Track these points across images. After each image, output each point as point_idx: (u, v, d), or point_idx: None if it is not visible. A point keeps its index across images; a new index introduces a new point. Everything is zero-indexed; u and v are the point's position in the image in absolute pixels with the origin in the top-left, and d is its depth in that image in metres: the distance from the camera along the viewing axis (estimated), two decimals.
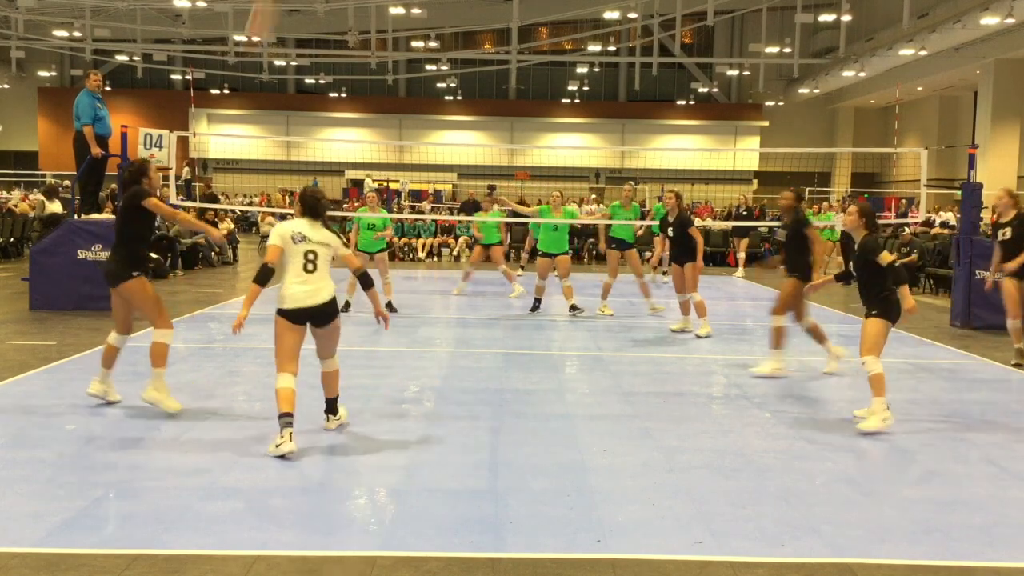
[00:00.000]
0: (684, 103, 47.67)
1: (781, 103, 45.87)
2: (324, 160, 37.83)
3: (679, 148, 46.96)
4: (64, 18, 35.30)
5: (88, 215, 12.17)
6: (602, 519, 4.74)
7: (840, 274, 7.55)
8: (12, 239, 19.61)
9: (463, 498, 5.02)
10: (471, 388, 7.85)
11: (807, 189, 32.95)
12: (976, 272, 12.10)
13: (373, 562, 4.16)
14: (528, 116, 47.36)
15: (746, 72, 45.35)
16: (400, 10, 31.57)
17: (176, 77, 46.80)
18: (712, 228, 22.82)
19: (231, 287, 15.63)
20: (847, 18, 33.93)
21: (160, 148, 13.29)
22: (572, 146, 47.19)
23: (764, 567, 4.21)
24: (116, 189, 14.59)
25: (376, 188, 29.67)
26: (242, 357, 9.01)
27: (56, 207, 17.80)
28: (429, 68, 43.45)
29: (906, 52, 31.53)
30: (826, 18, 35.87)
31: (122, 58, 41.83)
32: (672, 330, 11.34)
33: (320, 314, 5.90)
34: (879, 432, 6.50)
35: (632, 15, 35.43)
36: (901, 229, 19.88)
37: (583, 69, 45.06)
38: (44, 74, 47.02)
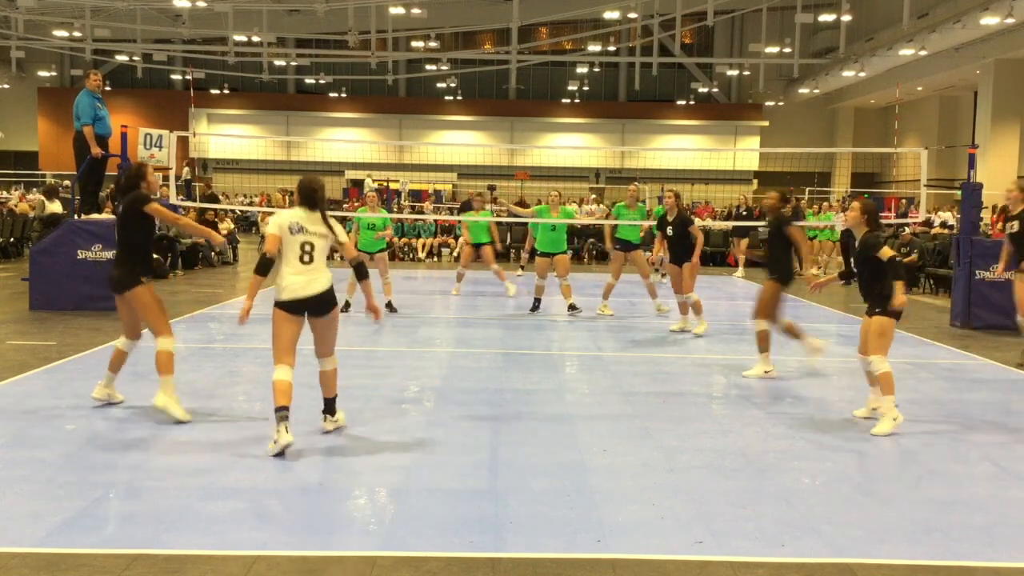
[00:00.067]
0: (684, 103, 47.68)
1: (781, 103, 45.87)
2: (324, 160, 37.81)
3: (679, 148, 46.97)
4: (64, 18, 35.30)
5: (88, 215, 12.18)
6: (602, 519, 4.74)
7: (843, 272, 7.54)
8: (12, 239, 19.61)
9: (463, 498, 5.02)
10: (471, 388, 7.85)
11: (807, 189, 32.97)
12: (976, 272, 12.10)
13: (373, 562, 4.16)
14: (528, 116, 47.37)
15: (746, 72, 45.36)
16: (400, 10, 31.58)
17: (176, 77, 46.81)
18: (712, 228, 22.83)
19: (231, 287, 15.63)
20: (847, 18, 33.94)
21: (160, 148, 13.29)
22: (572, 146, 47.19)
23: (764, 567, 4.21)
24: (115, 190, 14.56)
25: (376, 188, 29.67)
26: (242, 357, 9.01)
27: (56, 207, 17.80)
28: (429, 68, 43.46)
29: (906, 52, 31.54)
30: (826, 18, 35.87)
31: (122, 58, 41.85)
32: (672, 330, 11.34)
33: (318, 303, 5.87)
34: (892, 434, 6.49)
35: (632, 15, 35.44)
36: (901, 229, 19.88)
37: (583, 69, 45.06)
38: (44, 74, 47.04)
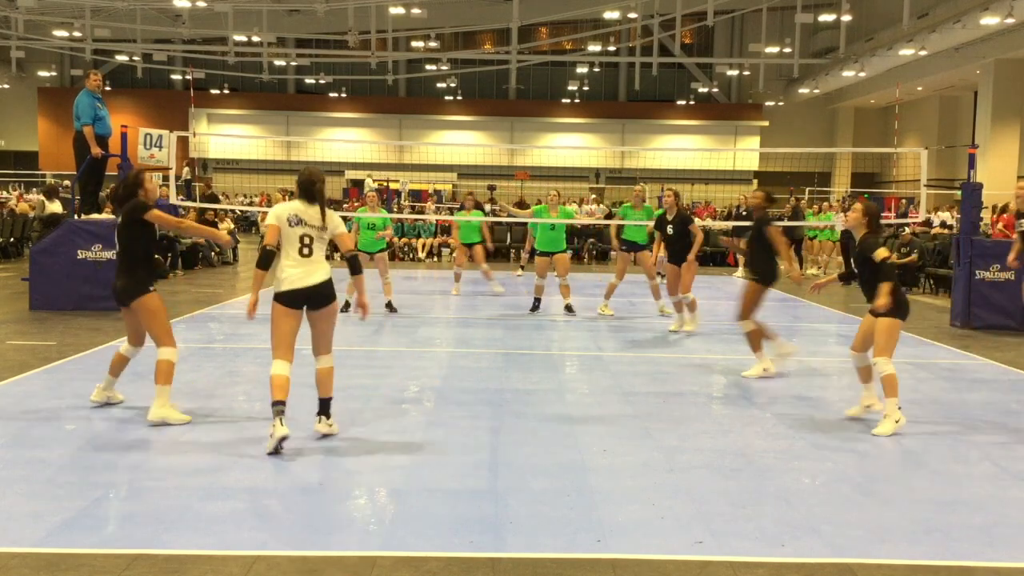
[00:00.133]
0: (684, 103, 47.68)
1: (781, 103, 45.87)
2: (324, 160, 37.73)
3: (679, 148, 46.97)
4: (64, 18, 35.30)
5: (88, 215, 12.18)
6: (602, 519, 4.74)
7: (843, 274, 7.54)
8: (12, 239, 19.61)
9: (463, 498, 5.02)
10: (471, 388, 7.85)
11: (807, 189, 32.95)
12: (976, 272, 12.09)
13: (373, 562, 4.16)
14: (528, 116, 47.37)
15: (746, 72, 45.36)
16: (400, 10, 31.58)
17: (176, 77, 46.82)
18: (712, 228, 22.81)
19: (231, 287, 15.63)
20: (847, 18, 33.93)
21: (160, 148, 13.30)
22: (572, 146, 47.18)
23: (764, 567, 4.21)
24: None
25: (376, 188, 29.66)
26: (242, 357, 9.01)
27: (56, 207, 17.80)
28: (429, 68, 43.46)
29: (906, 52, 31.53)
30: (826, 18, 35.86)
31: (122, 58, 41.85)
32: (671, 331, 11.34)
33: (316, 295, 5.84)
34: (893, 435, 6.49)
35: (632, 15, 35.43)
36: (901, 229, 19.88)
37: (583, 69, 45.06)
38: (44, 74, 47.04)
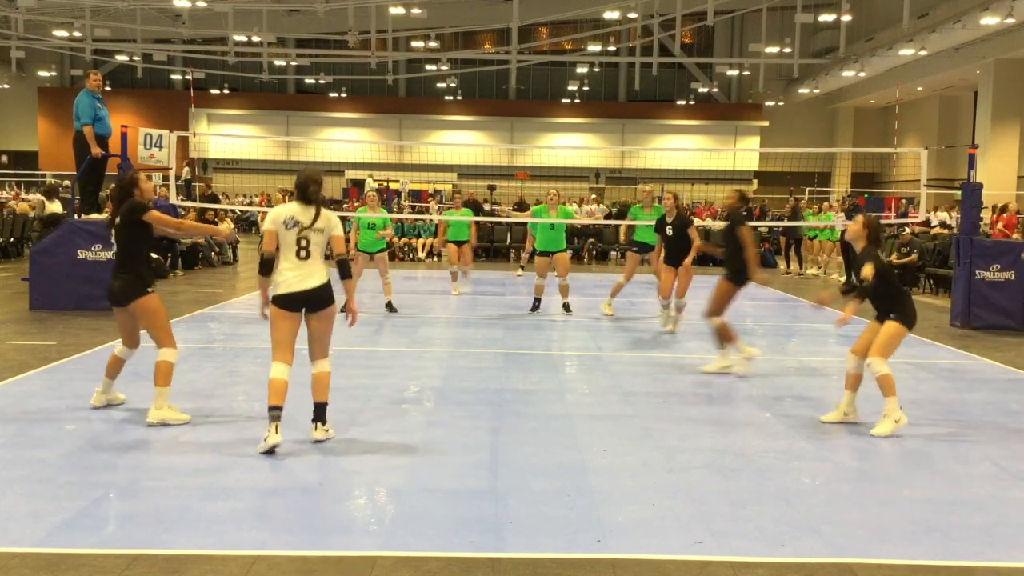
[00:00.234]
0: (684, 103, 47.69)
1: (781, 103, 45.88)
2: (324, 160, 37.77)
3: (679, 148, 46.98)
4: (64, 18, 35.30)
5: (88, 215, 12.18)
6: (602, 519, 4.74)
7: (845, 288, 7.21)
8: (12, 239, 19.61)
9: (463, 498, 5.02)
10: (471, 388, 7.85)
11: (807, 189, 32.95)
12: (976, 272, 12.09)
13: (373, 562, 4.16)
14: (528, 116, 47.37)
15: (746, 72, 45.36)
16: (400, 10, 31.57)
17: (176, 77, 46.83)
18: (712, 228, 22.79)
19: (231, 287, 15.63)
20: (847, 18, 33.93)
21: (160, 148, 13.30)
22: (572, 146, 47.19)
23: (764, 567, 4.21)
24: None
25: (376, 188, 29.66)
26: (242, 357, 9.01)
27: (56, 207, 17.80)
28: (429, 68, 43.45)
29: (906, 52, 31.53)
30: (826, 18, 35.87)
31: (122, 58, 41.85)
32: (667, 331, 11.32)
33: (314, 298, 5.81)
34: (893, 435, 6.48)
35: (632, 15, 35.43)
36: (901, 229, 19.88)
37: (583, 69, 45.06)
38: (44, 74, 47.05)
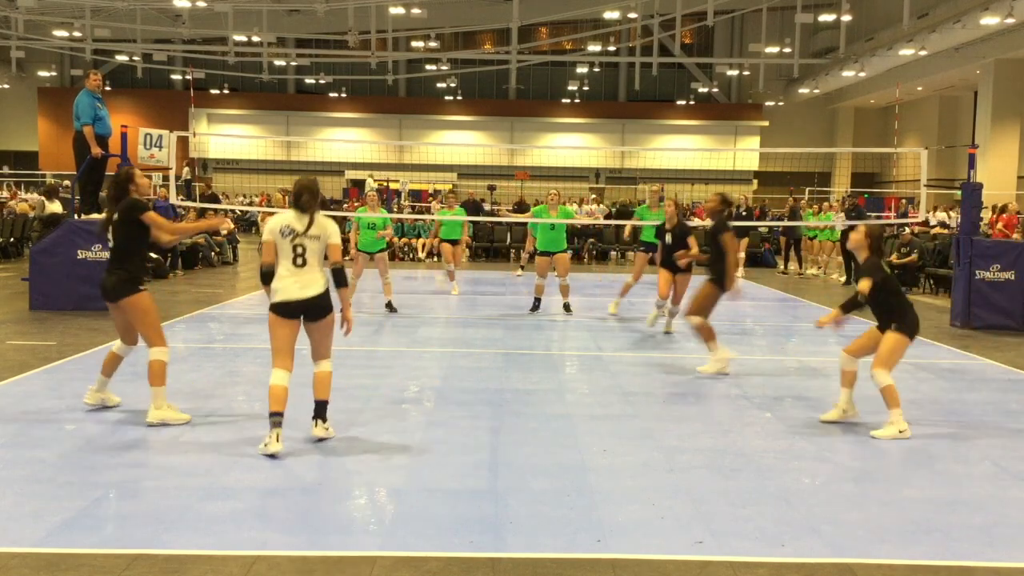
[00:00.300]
0: (684, 103, 47.71)
1: (781, 103, 45.89)
2: (324, 160, 37.87)
3: (679, 148, 47.00)
4: (64, 18, 35.31)
5: (88, 215, 12.17)
6: (602, 519, 4.74)
7: (846, 304, 7.06)
8: (12, 239, 19.61)
9: (463, 498, 5.02)
10: (471, 388, 7.85)
11: (807, 189, 32.95)
12: (976, 272, 12.09)
13: (373, 562, 4.16)
14: (528, 116, 47.39)
15: (746, 72, 45.38)
16: (400, 10, 31.58)
17: (176, 77, 46.85)
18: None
19: (231, 287, 15.63)
20: (847, 18, 33.95)
21: (160, 148, 13.29)
22: (572, 146, 47.21)
23: (764, 567, 4.21)
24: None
25: (376, 188, 29.67)
26: (242, 357, 9.01)
27: (56, 207, 17.80)
28: (429, 68, 43.47)
29: (906, 52, 31.54)
30: (826, 18, 35.88)
31: (122, 58, 41.86)
32: (667, 332, 11.32)
33: (311, 308, 5.82)
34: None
35: (632, 15, 35.44)
36: (901, 229, 19.88)
37: (583, 69, 45.08)
38: (44, 74, 47.06)
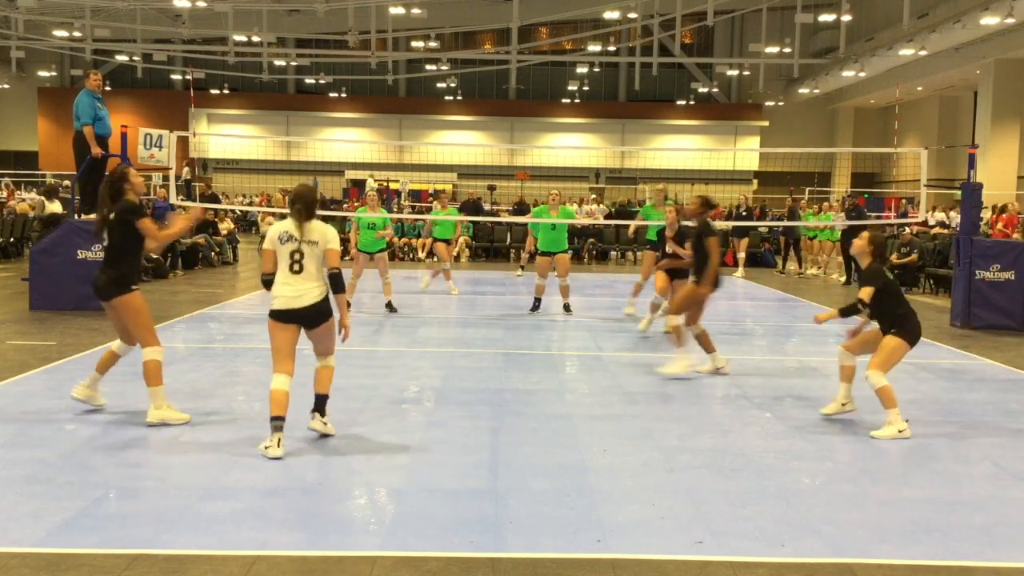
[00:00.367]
0: (684, 103, 47.70)
1: (781, 103, 45.88)
2: (324, 160, 37.86)
3: (679, 148, 47.00)
4: (64, 18, 35.30)
5: (88, 215, 12.16)
6: (602, 519, 4.74)
7: (845, 308, 7.01)
8: (12, 239, 19.61)
9: (463, 498, 5.02)
10: (471, 388, 7.85)
11: (807, 189, 32.96)
12: (976, 272, 12.08)
13: (373, 562, 4.16)
14: (528, 116, 47.38)
15: (746, 72, 45.37)
16: (400, 10, 31.57)
17: (176, 77, 46.83)
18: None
19: (231, 287, 15.63)
20: (847, 18, 33.94)
21: (160, 148, 13.29)
22: (572, 146, 47.20)
23: (764, 567, 4.21)
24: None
25: (376, 188, 29.67)
26: (242, 357, 9.01)
27: (56, 207, 17.80)
28: (429, 68, 43.46)
29: (906, 52, 31.54)
30: (826, 18, 35.88)
31: (122, 58, 41.85)
32: (667, 332, 11.28)
33: (308, 316, 5.83)
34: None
35: (632, 15, 35.43)
36: (901, 229, 19.88)
37: (583, 69, 45.07)
38: (44, 74, 47.05)
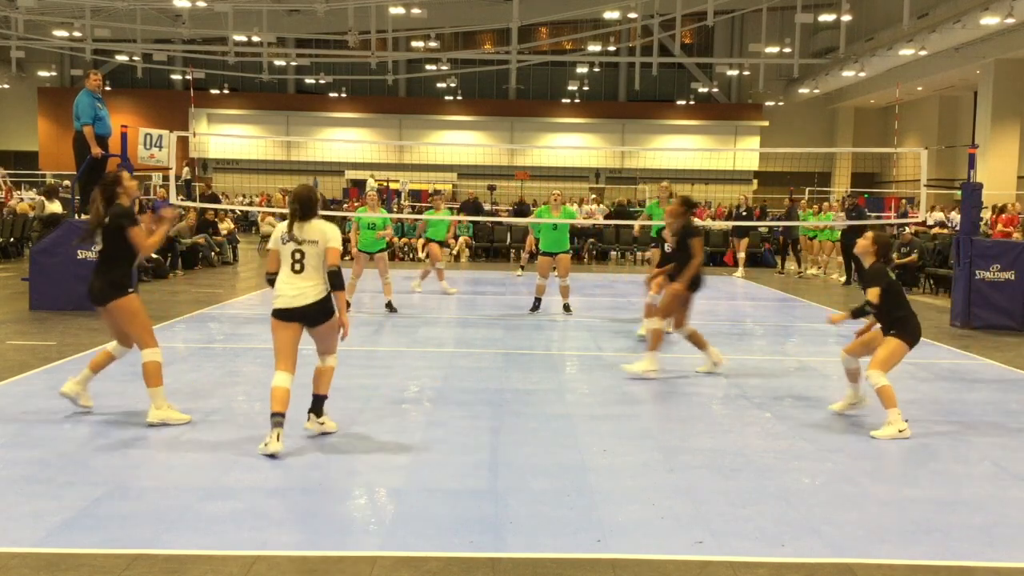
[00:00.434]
0: (684, 103, 47.70)
1: (781, 103, 45.87)
2: (324, 160, 37.86)
3: (679, 148, 47.00)
4: (64, 18, 35.30)
5: (88, 215, 12.16)
6: (602, 519, 4.74)
7: (856, 309, 7.02)
8: (12, 239, 19.60)
9: (463, 498, 5.02)
10: (471, 388, 7.85)
11: (807, 189, 32.95)
12: (976, 272, 12.08)
13: (373, 562, 4.16)
14: (528, 116, 47.38)
15: (746, 72, 45.37)
16: (400, 10, 31.57)
17: (176, 77, 46.83)
18: (712, 228, 22.83)
19: (231, 287, 15.63)
20: (847, 18, 33.94)
21: (160, 148, 13.28)
22: (572, 146, 47.20)
23: (764, 567, 4.21)
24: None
25: (376, 188, 29.66)
26: (242, 357, 9.01)
27: (56, 207, 17.80)
28: (429, 68, 43.46)
29: (906, 52, 31.54)
30: (826, 18, 35.87)
31: (122, 58, 41.85)
32: (667, 332, 11.27)
33: (307, 315, 5.87)
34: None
35: (632, 15, 35.43)
36: (901, 229, 19.87)
37: (583, 69, 45.07)
38: (44, 74, 47.05)
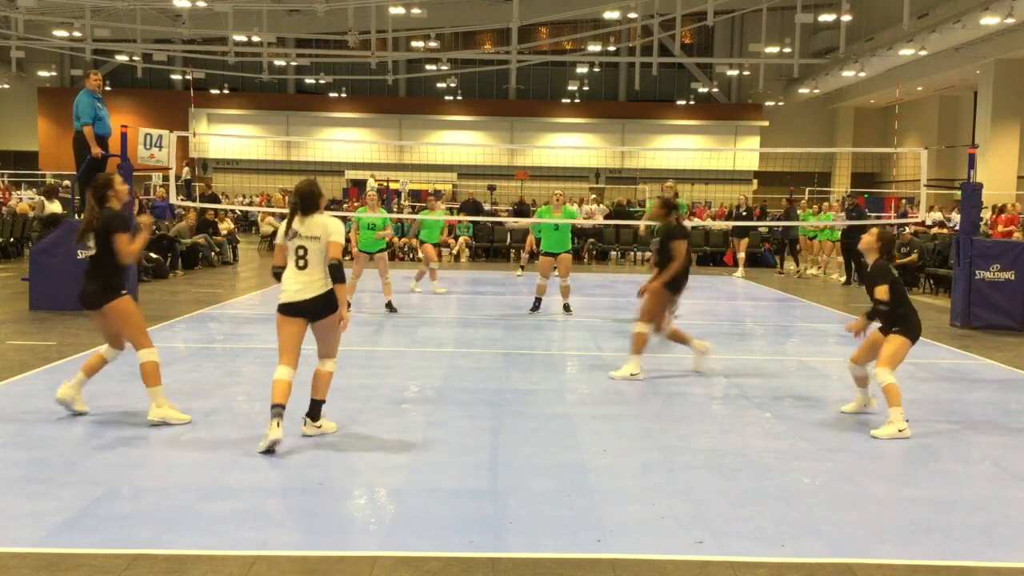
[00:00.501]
0: (684, 103, 47.70)
1: (781, 103, 45.88)
2: (324, 160, 37.85)
3: (679, 148, 46.99)
4: (64, 18, 35.31)
5: None
6: (602, 519, 4.74)
7: (871, 312, 6.89)
8: (12, 239, 19.60)
9: (463, 498, 5.02)
10: (471, 388, 7.85)
11: (807, 189, 32.96)
12: (976, 272, 12.08)
13: (373, 562, 4.16)
14: (528, 116, 47.38)
15: (746, 72, 45.37)
16: (400, 10, 31.57)
17: (176, 77, 46.83)
18: (712, 228, 22.83)
19: (231, 287, 15.63)
20: (847, 18, 33.94)
21: (160, 148, 13.28)
22: (572, 146, 47.20)
23: (764, 567, 4.21)
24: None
25: (376, 188, 29.66)
26: (242, 357, 9.01)
27: (56, 207, 17.79)
28: (429, 68, 43.46)
29: (906, 52, 31.54)
30: (826, 18, 35.87)
31: (122, 58, 41.86)
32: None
33: (310, 309, 5.90)
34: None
35: (632, 15, 35.43)
36: (901, 229, 19.87)
37: (583, 69, 45.07)
38: (44, 74, 47.05)
